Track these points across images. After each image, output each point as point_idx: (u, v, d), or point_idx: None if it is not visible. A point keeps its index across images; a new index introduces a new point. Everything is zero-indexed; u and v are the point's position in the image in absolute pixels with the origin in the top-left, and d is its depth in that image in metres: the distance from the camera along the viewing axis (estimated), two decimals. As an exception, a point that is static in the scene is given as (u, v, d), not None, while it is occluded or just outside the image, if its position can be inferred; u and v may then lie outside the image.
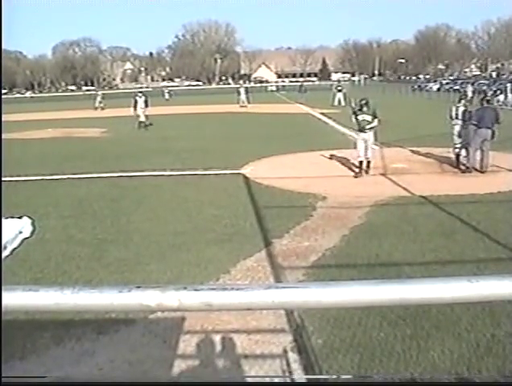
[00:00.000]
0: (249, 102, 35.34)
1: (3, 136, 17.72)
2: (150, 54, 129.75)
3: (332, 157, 12.85)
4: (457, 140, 11.27)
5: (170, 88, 61.32)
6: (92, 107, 38.13)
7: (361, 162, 10.65)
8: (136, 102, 22.39)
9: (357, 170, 10.82)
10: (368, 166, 10.71)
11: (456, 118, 11.39)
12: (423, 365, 3.60)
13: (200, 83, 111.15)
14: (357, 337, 4.00)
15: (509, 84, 34.35)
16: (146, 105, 22.46)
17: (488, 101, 11.32)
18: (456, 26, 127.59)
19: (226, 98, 41.81)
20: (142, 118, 22.09)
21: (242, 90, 36.87)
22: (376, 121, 10.60)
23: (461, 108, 11.51)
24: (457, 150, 11.29)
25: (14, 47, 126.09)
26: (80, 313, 3.53)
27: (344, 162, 12.18)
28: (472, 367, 3.56)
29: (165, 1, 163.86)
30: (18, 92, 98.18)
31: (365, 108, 10.70)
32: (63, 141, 19.23)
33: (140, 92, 24.23)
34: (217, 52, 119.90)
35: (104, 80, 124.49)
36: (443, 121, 11.87)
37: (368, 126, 10.50)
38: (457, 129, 11.30)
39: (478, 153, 10.49)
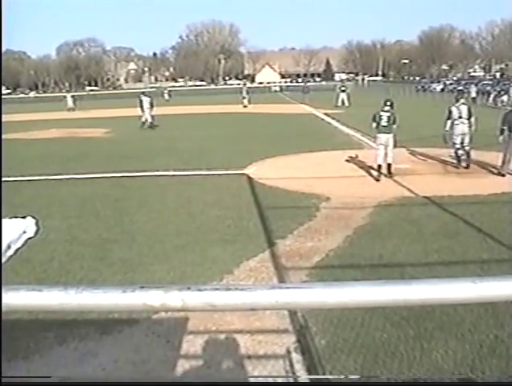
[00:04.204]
0: (249, 102, 35.24)
1: (7, 136, 17.77)
2: (154, 54, 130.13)
3: (335, 157, 12.83)
4: (458, 140, 11.07)
5: (170, 89, 61.74)
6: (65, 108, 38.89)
7: (379, 166, 10.24)
8: (141, 102, 22.78)
9: (375, 173, 10.37)
10: (389, 170, 10.28)
11: (460, 118, 11.13)
12: (426, 366, 3.60)
13: (204, 83, 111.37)
14: (361, 338, 3.99)
15: None
16: (152, 106, 22.77)
17: None
18: (460, 26, 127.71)
19: (229, 98, 41.81)
20: (149, 118, 22.55)
21: (244, 90, 36.81)
22: (395, 126, 10.22)
23: (464, 107, 11.18)
24: (460, 152, 11.16)
25: (18, 47, 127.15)
26: (84, 313, 3.53)
27: (347, 162, 12.18)
28: (476, 368, 3.55)
29: (169, 1, 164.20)
30: (22, 92, 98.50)
31: (387, 108, 10.33)
32: (66, 141, 19.26)
33: (143, 92, 24.44)
34: (221, 53, 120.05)
35: (108, 80, 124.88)
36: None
37: (386, 124, 10.11)
38: (463, 128, 11.08)
39: None
